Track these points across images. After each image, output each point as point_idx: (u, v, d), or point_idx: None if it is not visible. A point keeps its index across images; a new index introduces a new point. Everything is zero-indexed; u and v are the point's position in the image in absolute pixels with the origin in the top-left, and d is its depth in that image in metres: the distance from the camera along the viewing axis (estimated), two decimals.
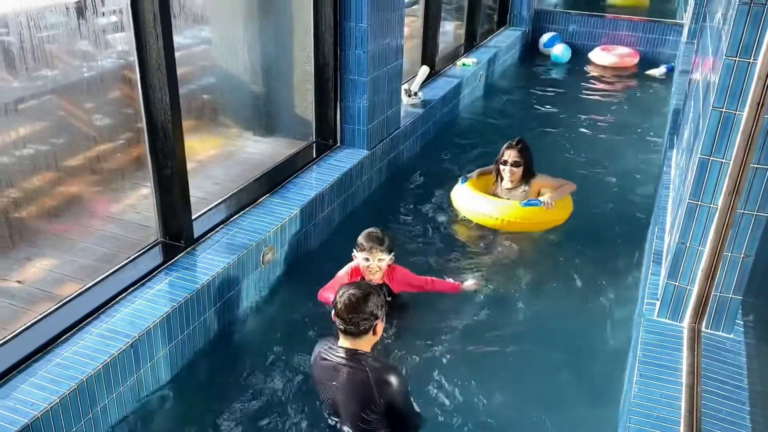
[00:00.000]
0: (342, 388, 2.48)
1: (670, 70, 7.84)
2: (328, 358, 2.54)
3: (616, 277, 3.81)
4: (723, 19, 2.82)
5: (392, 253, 3.25)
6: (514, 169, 4.24)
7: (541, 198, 4.18)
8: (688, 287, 2.66)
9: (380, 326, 2.56)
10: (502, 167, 4.29)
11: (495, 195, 4.36)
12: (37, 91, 3.09)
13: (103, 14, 3.13)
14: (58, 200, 3.29)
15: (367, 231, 3.27)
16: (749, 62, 2.30)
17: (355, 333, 2.49)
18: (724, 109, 2.39)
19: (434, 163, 5.31)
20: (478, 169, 4.55)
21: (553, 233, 4.28)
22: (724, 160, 2.44)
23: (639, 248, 4.02)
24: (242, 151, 4.47)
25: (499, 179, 4.37)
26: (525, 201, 4.17)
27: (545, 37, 8.54)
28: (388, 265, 3.25)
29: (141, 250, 3.27)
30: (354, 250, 3.26)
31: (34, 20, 2.80)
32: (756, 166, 2.39)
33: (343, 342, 2.53)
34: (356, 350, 2.51)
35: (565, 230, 4.29)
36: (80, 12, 3.12)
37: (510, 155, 4.26)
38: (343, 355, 2.50)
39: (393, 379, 2.43)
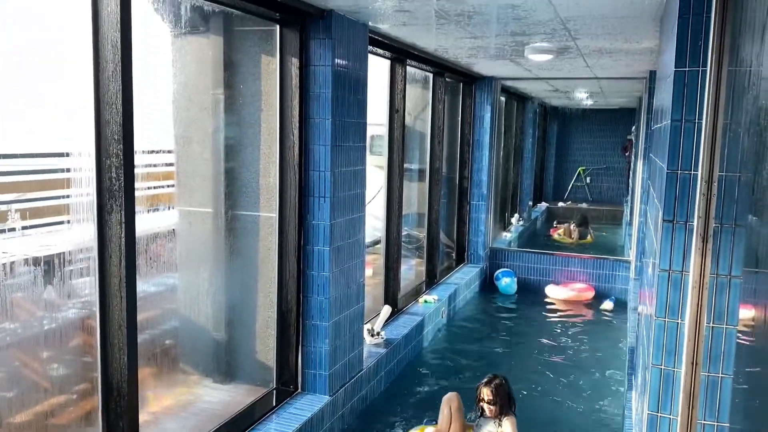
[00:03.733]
0: None
1: (614, 301, 8.38)
2: None
3: None
4: (651, 279, 3.07)
5: None
6: (491, 406, 4.27)
7: None
8: None
9: None
10: (481, 404, 4.32)
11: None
12: None
13: (71, 275, 3.28)
14: None
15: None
16: (677, 322, 2.47)
17: None
18: (663, 367, 2.51)
19: (398, 406, 5.22)
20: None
21: None
22: (671, 417, 2.49)
23: None
24: (200, 400, 4.38)
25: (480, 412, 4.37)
26: None
27: (498, 272, 9.07)
28: None
29: None
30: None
31: None
32: (703, 422, 2.44)
33: None
34: None
35: None
36: (48, 268, 3.27)
37: (484, 393, 4.30)
38: None
39: None
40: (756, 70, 1.91)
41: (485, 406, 4.32)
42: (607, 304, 8.35)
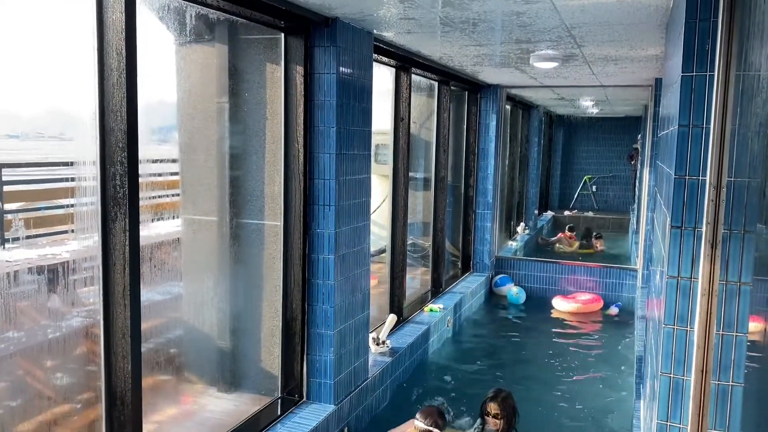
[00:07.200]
0: None
1: (619, 307, 8.39)
2: None
3: None
4: (659, 287, 3.04)
5: None
6: (496, 420, 4.26)
7: None
8: None
9: None
10: (486, 417, 4.29)
11: None
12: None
13: (75, 284, 3.27)
14: None
15: (438, 410, 4.29)
16: (686, 330, 2.44)
17: None
18: (672, 375, 2.47)
19: (404, 416, 5.17)
20: None
21: None
22: (681, 426, 2.45)
23: None
24: (204, 409, 4.35)
25: (482, 426, 4.33)
26: None
27: (496, 278, 8.99)
28: None
29: None
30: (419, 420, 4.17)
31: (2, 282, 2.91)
32: (713, 431, 2.40)
33: None
34: None
35: None
36: (52, 278, 3.27)
37: (491, 407, 4.29)
38: None
39: None
40: (765, 75, 1.89)
41: (491, 420, 4.29)
42: (612, 310, 8.31)
